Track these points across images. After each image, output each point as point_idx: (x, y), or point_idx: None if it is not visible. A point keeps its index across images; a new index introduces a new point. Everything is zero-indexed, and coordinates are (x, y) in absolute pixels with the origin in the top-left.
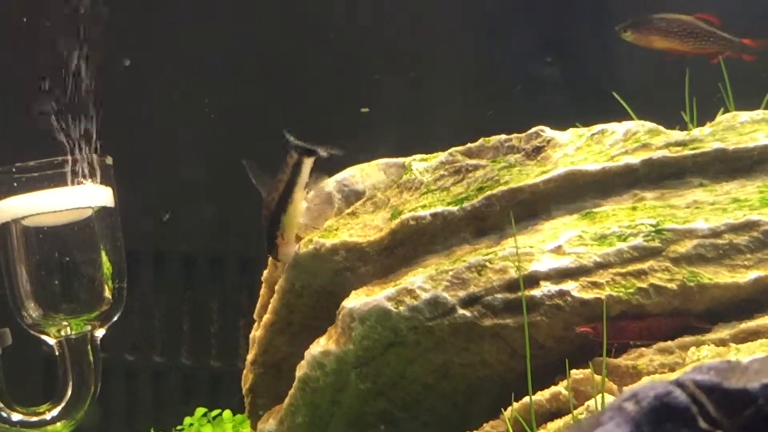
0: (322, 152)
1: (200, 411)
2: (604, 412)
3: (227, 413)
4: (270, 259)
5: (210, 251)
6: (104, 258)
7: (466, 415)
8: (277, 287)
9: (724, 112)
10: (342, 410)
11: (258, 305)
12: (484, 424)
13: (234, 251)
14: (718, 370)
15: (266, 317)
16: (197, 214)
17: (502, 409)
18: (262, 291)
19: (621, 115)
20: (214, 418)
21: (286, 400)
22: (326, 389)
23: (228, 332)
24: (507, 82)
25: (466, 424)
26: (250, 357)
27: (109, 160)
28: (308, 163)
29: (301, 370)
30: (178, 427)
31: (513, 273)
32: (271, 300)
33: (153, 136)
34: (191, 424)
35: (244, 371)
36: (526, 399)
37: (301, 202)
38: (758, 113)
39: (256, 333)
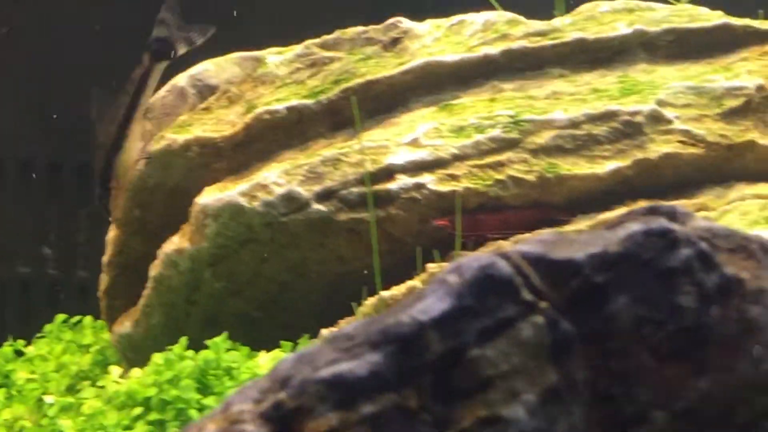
0: (182, 49)
1: (60, 317)
2: (426, 285)
3: (88, 319)
4: None
5: (76, 158)
6: None
7: (325, 314)
8: (129, 185)
9: None
10: (198, 309)
11: (113, 206)
12: (339, 321)
13: None
14: (545, 242)
15: (119, 216)
16: (64, 119)
17: (353, 305)
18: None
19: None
20: (75, 324)
21: (141, 301)
22: (181, 288)
23: (96, 241)
24: None
25: (327, 321)
26: (105, 258)
27: None
28: (157, 73)
29: (154, 269)
30: (38, 335)
31: (369, 166)
32: (124, 198)
33: None
34: (51, 332)
35: (101, 274)
36: (380, 294)
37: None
38: (619, 2)
39: (111, 233)
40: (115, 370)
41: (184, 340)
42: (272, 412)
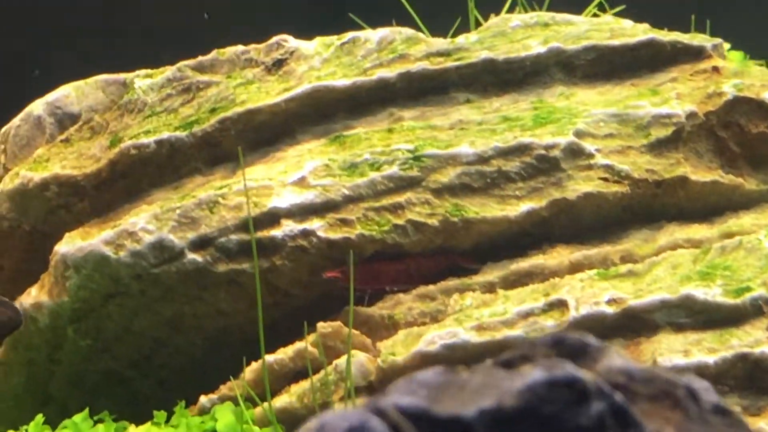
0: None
1: None
2: None
3: None
4: None
5: None
6: None
7: (206, 371)
8: None
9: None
10: (62, 369)
11: None
12: (221, 386)
13: None
14: (429, 388)
15: None
16: None
17: (234, 375)
18: None
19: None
20: None
21: None
22: (41, 346)
23: None
24: None
25: (207, 380)
26: None
27: None
28: None
29: None
30: None
31: (251, 210)
32: None
33: None
34: None
35: None
36: (266, 357)
37: None
38: (532, 16)
39: None
40: None
41: (39, 418)
42: None
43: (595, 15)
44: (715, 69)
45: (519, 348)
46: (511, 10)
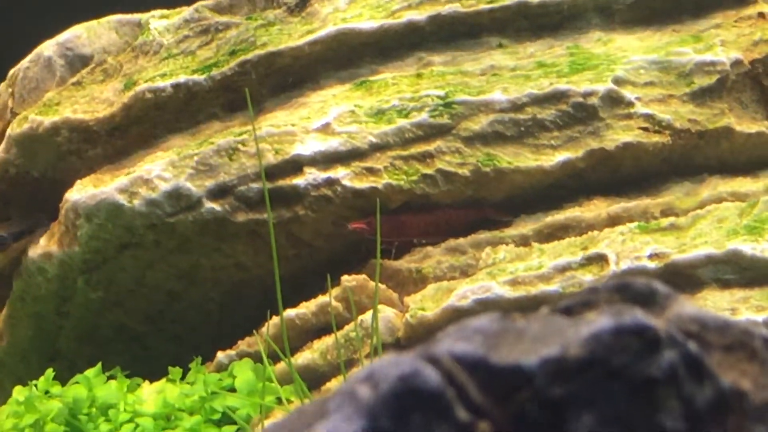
0: None
1: None
2: (331, 397)
3: None
4: None
5: None
6: None
7: (222, 327)
8: None
9: None
10: (71, 323)
11: None
12: (239, 342)
13: None
14: (486, 336)
15: None
16: None
17: (255, 330)
18: None
19: None
20: None
21: (4, 311)
22: (50, 298)
23: None
24: None
25: (224, 335)
26: None
27: None
28: None
29: (19, 275)
30: None
31: (272, 157)
32: None
33: None
34: None
35: None
36: (287, 313)
37: None
38: None
39: None
40: None
41: (50, 373)
42: None
43: None
44: (761, 15)
45: (579, 294)
46: None
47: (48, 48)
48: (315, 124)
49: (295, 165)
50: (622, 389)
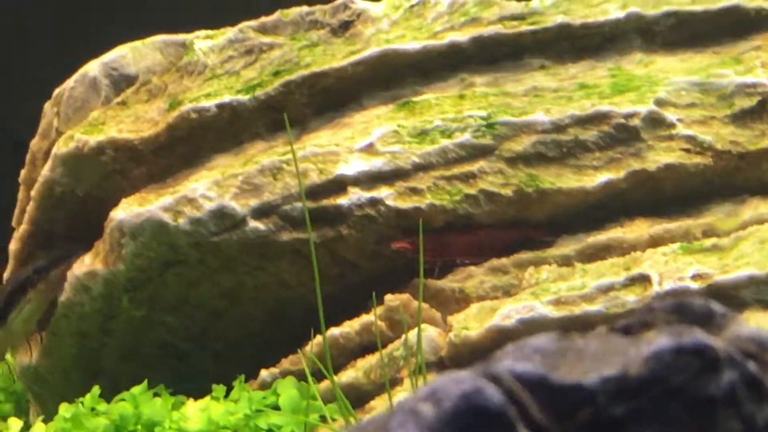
0: None
1: None
2: (393, 415)
3: None
4: (28, 156)
5: None
6: None
7: (266, 345)
8: (33, 193)
9: None
10: (114, 340)
11: (16, 211)
12: (282, 360)
13: None
14: (544, 354)
15: (22, 228)
16: None
17: (299, 348)
18: (20, 194)
19: None
20: None
21: (49, 328)
22: (94, 316)
23: None
24: None
25: (266, 354)
26: (6, 274)
27: None
28: None
29: (63, 293)
30: None
31: (316, 177)
32: (28, 208)
33: None
34: None
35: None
36: (331, 331)
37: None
38: None
39: (13, 245)
40: (14, 424)
41: (96, 390)
42: None
43: None
44: None
45: (637, 314)
46: None
47: (93, 68)
48: (359, 144)
49: (339, 185)
50: (682, 408)
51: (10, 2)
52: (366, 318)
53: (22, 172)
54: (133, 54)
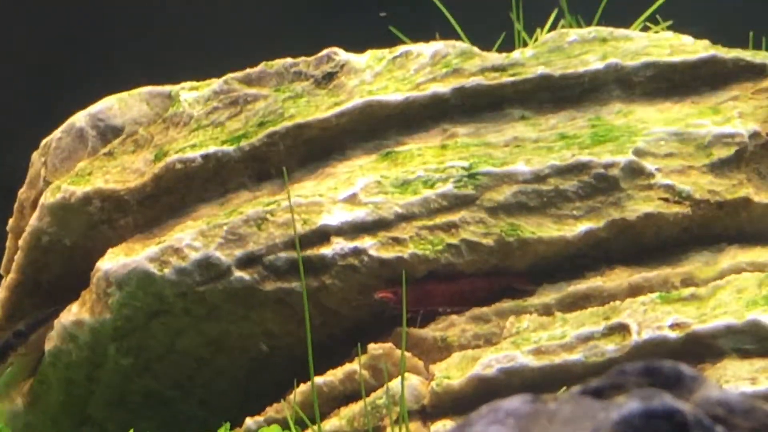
0: None
1: None
2: None
3: None
4: (16, 205)
5: None
6: None
7: (250, 392)
8: (21, 242)
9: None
10: (102, 388)
11: (4, 259)
12: (267, 408)
13: None
14: (517, 417)
15: (10, 276)
16: None
17: (283, 397)
18: (8, 243)
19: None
20: None
21: (37, 376)
22: (81, 364)
23: None
24: None
25: (252, 401)
26: None
27: None
28: None
29: (50, 342)
30: None
31: (300, 227)
32: (16, 256)
33: None
34: None
35: None
36: (315, 380)
37: None
38: (590, 31)
39: (0, 294)
40: None
41: None
42: None
43: (645, 28)
44: None
45: (608, 376)
46: (555, 23)
47: (80, 119)
48: (342, 194)
49: (323, 235)
50: None
51: None
52: (349, 366)
53: (10, 221)
54: (120, 105)
